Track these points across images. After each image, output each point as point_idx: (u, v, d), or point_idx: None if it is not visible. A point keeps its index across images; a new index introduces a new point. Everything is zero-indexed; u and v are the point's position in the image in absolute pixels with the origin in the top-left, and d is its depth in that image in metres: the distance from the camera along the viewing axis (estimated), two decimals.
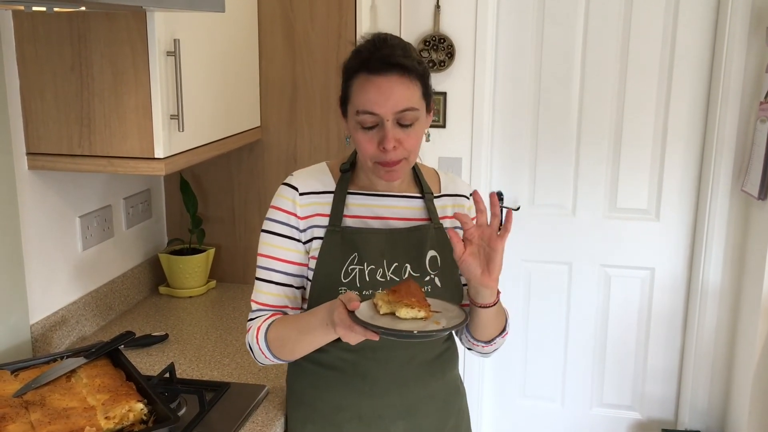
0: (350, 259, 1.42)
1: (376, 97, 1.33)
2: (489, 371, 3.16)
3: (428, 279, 1.45)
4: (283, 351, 1.41)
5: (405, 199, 1.49)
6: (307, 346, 1.39)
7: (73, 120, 1.73)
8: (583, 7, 2.81)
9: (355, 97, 1.36)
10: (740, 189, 2.69)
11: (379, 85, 1.33)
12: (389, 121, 1.34)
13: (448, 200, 1.54)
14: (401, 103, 1.34)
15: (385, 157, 1.36)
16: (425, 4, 2.81)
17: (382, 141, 1.35)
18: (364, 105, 1.34)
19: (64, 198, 1.94)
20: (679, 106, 2.81)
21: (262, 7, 2.29)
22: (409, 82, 1.35)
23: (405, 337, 1.21)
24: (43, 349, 1.85)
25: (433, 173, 1.58)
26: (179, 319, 2.19)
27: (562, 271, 3.04)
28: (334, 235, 1.42)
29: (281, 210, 1.46)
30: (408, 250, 1.44)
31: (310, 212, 1.45)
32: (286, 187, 1.47)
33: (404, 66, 1.34)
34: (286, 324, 1.40)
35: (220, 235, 2.48)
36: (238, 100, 2.17)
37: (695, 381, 2.92)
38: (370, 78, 1.34)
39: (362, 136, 1.37)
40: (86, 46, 1.68)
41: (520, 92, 2.91)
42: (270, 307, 1.46)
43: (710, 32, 2.73)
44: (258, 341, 1.42)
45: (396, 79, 1.33)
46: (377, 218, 1.46)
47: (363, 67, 1.35)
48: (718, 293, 2.83)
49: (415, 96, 1.36)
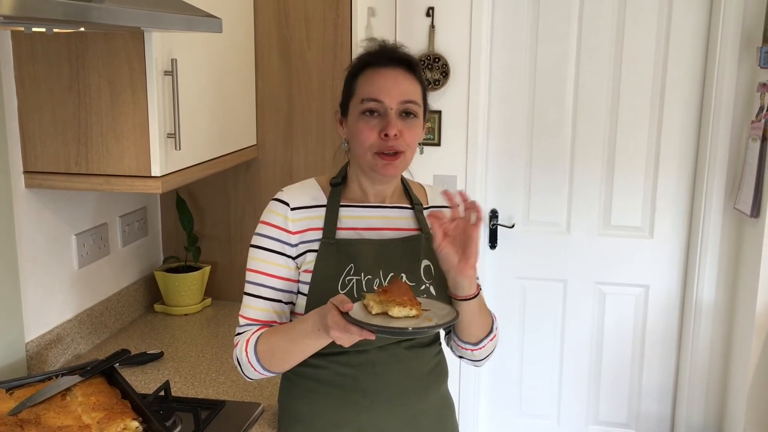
0: (347, 270, 1.43)
1: (383, 86, 1.40)
2: (485, 388, 3.16)
3: (423, 288, 1.46)
4: (272, 362, 1.41)
5: (396, 209, 1.52)
6: (299, 355, 1.39)
7: (71, 138, 1.74)
8: (576, 26, 2.84)
9: (361, 88, 1.43)
10: (733, 207, 2.71)
11: (385, 75, 1.41)
12: (393, 110, 1.40)
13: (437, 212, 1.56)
14: (406, 94, 1.41)
15: (385, 146, 1.40)
16: (420, 24, 2.84)
17: (384, 128, 1.39)
18: (370, 93, 1.40)
19: (60, 216, 1.95)
20: (672, 125, 2.84)
21: (259, 26, 2.31)
22: (413, 79, 1.44)
23: (400, 334, 1.24)
24: (38, 367, 1.85)
25: (419, 187, 1.61)
26: (174, 337, 2.19)
27: (556, 289, 3.04)
28: (329, 247, 1.43)
29: (272, 225, 1.46)
30: (402, 259, 1.46)
31: (302, 227, 1.46)
32: (276, 203, 1.48)
33: (410, 62, 1.44)
34: (276, 334, 1.41)
35: (216, 253, 2.49)
36: (234, 118, 2.18)
37: (690, 398, 2.92)
38: (378, 70, 1.42)
39: (364, 125, 1.41)
40: (84, 65, 1.70)
41: (514, 111, 2.94)
42: (258, 322, 1.46)
43: (702, 52, 2.76)
44: (247, 354, 1.42)
45: (402, 73, 1.42)
46: (370, 229, 1.48)
47: (370, 63, 1.44)
48: (712, 310, 2.84)
49: (418, 93, 1.44)
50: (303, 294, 1.46)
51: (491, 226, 3.00)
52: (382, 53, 1.44)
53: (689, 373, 2.90)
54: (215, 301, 2.49)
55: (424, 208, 1.55)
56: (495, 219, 3.00)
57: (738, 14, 2.61)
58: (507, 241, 3.02)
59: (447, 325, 1.28)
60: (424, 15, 2.83)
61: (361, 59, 1.46)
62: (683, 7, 2.74)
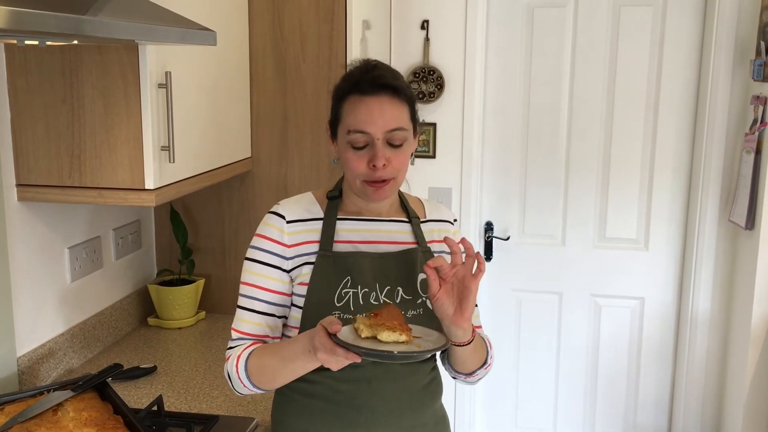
0: (343, 283, 1.42)
1: (368, 117, 1.37)
2: (480, 401, 3.14)
3: (420, 302, 1.46)
4: (262, 380, 1.40)
5: (393, 223, 1.51)
6: (289, 375, 1.38)
7: (64, 151, 1.73)
8: (570, 39, 2.85)
9: (346, 117, 1.40)
10: (728, 219, 2.71)
11: (370, 105, 1.37)
12: (380, 140, 1.37)
13: (434, 225, 1.57)
14: (392, 122, 1.38)
15: (374, 176, 1.39)
16: (415, 37, 2.85)
17: (372, 159, 1.37)
18: (355, 125, 1.38)
19: (53, 229, 1.94)
20: (666, 138, 2.84)
21: (254, 39, 2.31)
22: (399, 103, 1.39)
23: (386, 357, 1.23)
24: (30, 382, 1.83)
25: (417, 201, 1.61)
26: (168, 350, 2.17)
27: (552, 301, 3.04)
28: (325, 259, 1.43)
29: (267, 238, 1.45)
30: (399, 273, 1.46)
31: (298, 240, 1.45)
32: (272, 216, 1.47)
33: (394, 87, 1.39)
34: (268, 352, 1.40)
35: (210, 266, 2.48)
36: (228, 131, 2.18)
37: (686, 410, 2.91)
38: (362, 98, 1.38)
39: (352, 155, 1.39)
40: (78, 78, 1.70)
41: (509, 123, 2.94)
42: (251, 336, 1.45)
43: (695, 65, 2.78)
44: (237, 370, 1.41)
45: (386, 100, 1.38)
46: (367, 242, 1.47)
47: (354, 89, 1.39)
48: (707, 322, 2.84)
49: (405, 117, 1.40)
50: (298, 307, 1.45)
51: (486, 238, 3.00)
52: (368, 78, 1.38)
53: (685, 384, 2.90)
54: (209, 314, 2.48)
55: (421, 222, 1.55)
56: (490, 231, 3.00)
57: (731, 27, 2.62)
58: (502, 254, 3.02)
59: (435, 351, 1.27)
60: (419, 28, 2.84)
61: (347, 82, 1.42)
62: (677, 21, 2.76)
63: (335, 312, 1.40)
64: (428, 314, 1.44)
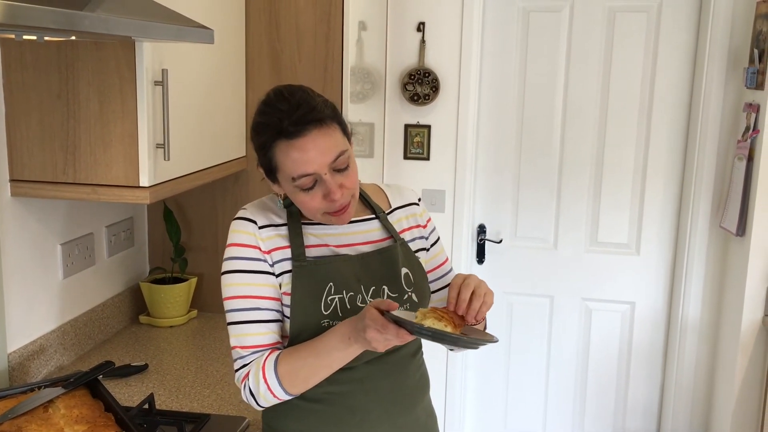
0: (327, 290, 1.39)
1: (306, 158, 1.30)
2: (470, 403, 3.15)
3: (406, 297, 1.45)
4: (296, 383, 1.34)
5: (361, 223, 1.48)
6: (325, 371, 1.34)
7: (58, 147, 1.73)
8: (565, 43, 2.86)
9: (284, 165, 1.33)
10: (719, 225, 2.73)
11: (303, 146, 1.30)
12: (327, 174, 1.33)
13: (401, 213, 1.54)
14: (331, 153, 1.32)
15: (334, 207, 1.35)
16: (411, 39, 2.86)
17: (327, 195, 1.33)
18: (297, 170, 1.31)
19: (45, 225, 1.93)
20: (659, 144, 2.86)
21: (250, 38, 2.31)
22: (329, 130, 1.33)
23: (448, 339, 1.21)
24: (20, 379, 1.82)
25: (376, 190, 1.57)
26: (159, 349, 2.17)
27: (543, 304, 3.05)
28: (302, 269, 1.39)
29: (245, 245, 1.40)
30: (383, 271, 1.44)
31: (273, 246, 1.40)
32: (244, 222, 1.41)
33: (318, 119, 1.31)
34: (297, 352, 1.35)
35: (203, 265, 2.47)
36: (223, 130, 2.18)
37: (675, 415, 2.93)
38: (292, 143, 1.31)
39: (305, 196, 1.35)
40: (74, 74, 1.69)
41: (503, 126, 2.95)
42: (264, 347, 1.38)
43: (689, 72, 2.79)
44: (266, 379, 1.33)
45: (317, 134, 1.31)
46: (344, 246, 1.44)
47: (279, 135, 1.32)
48: (697, 328, 2.85)
49: (339, 139, 1.34)
50: (286, 317, 1.41)
51: (479, 241, 3.01)
52: (289, 122, 1.30)
53: (674, 389, 2.91)
54: (201, 313, 2.48)
55: (387, 214, 1.52)
56: (483, 234, 3.01)
57: (725, 35, 2.64)
58: (494, 257, 3.03)
59: (488, 343, 1.26)
60: (415, 30, 2.85)
61: (270, 131, 1.32)
62: (671, 27, 2.78)
63: (324, 321, 1.37)
64: (414, 307, 1.44)
